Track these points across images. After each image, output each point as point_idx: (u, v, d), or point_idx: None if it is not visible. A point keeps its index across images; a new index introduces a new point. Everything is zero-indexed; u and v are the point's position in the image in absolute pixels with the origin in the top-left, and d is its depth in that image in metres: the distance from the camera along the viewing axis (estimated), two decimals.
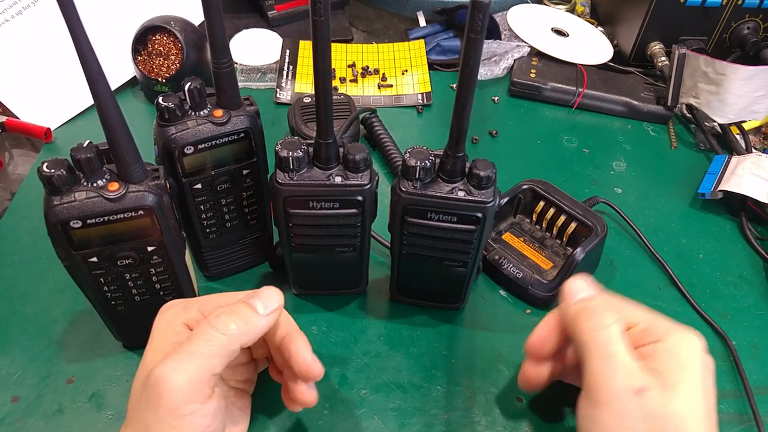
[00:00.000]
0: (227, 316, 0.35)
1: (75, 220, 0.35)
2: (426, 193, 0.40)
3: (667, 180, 0.64)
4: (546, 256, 0.54)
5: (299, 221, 0.42)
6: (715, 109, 0.66)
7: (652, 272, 0.55)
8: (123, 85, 0.71)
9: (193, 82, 0.40)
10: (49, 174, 0.34)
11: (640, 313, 0.37)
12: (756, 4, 0.70)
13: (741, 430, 0.44)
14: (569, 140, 0.69)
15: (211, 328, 0.34)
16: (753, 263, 0.56)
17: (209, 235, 0.47)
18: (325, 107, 0.38)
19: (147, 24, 0.65)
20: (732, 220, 0.60)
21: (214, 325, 0.34)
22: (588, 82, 0.72)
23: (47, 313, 0.48)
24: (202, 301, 0.38)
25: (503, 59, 0.76)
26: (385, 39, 0.82)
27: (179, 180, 0.42)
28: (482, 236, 0.42)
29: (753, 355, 0.49)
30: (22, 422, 0.42)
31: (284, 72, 0.73)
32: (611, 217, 0.59)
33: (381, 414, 0.44)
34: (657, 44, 0.74)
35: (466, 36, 0.33)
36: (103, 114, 0.33)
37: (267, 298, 0.37)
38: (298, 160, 0.40)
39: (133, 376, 0.44)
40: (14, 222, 0.56)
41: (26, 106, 0.66)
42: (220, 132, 0.41)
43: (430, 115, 0.71)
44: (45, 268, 0.51)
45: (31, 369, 0.45)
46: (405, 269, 0.47)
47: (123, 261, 0.39)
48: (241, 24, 0.80)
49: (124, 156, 0.35)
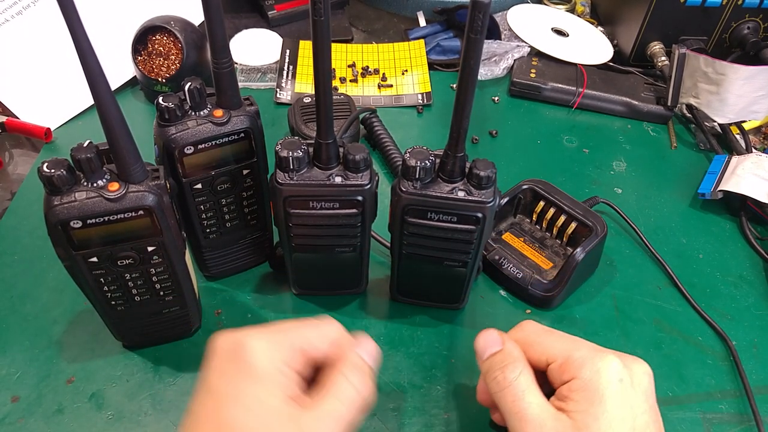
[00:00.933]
0: (358, 375, 0.33)
1: (75, 220, 0.35)
2: (426, 193, 0.40)
3: (667, 180, 0.64)
4: (546, 256, 0.54)
5: (299, 221, 0.42)
6: (715, 109, 0.66)
7: (652, 272, 0.55)
8: (123, 85, 0.71)
9: (193, 82, 0.40)
10: (50, 174, 0.34)
11: (557, 345, 0.37)
12: (756, 4, 0.70)
13: (741, 430, 0.44)
14: (569, 140, 0.69)
15: (351, 387, 0.33)
16: (753, 263, 0.56)
17: (209, 235, 0.47)
18: (325, 107, 0.38)
19: (147, 24, 0.65)
20: (732, 220, 0.60)
21: (352, 382, 0.33)
22: (588, 82, 0.72)
23: (47, 313, 0.48)
24: (290, 337, 0.34)
25: (503, 59, 0.76)
26: (385, 39, 0.82)
27: (179, 180, 0.42)
28: (482, 236, 0.42)
29: (753, 355, 0.49)
30: (22, 422, 0.42)
31: (284, 72, 0.73)
32: (611, 217, 0.59)
33: (381, 414, 0.44)
34: (657, 44, 0.74)
35: (466, 36, 0.33)
36: (103, 114, 0.33)
37: (370, 352, 0.35)
38: (298, 160, 0.40)
39: (132, 376, 0.45)
40: (14, 222, 0.56)
41: (26, 106, 0.66)
42: (220, 132, 0.41)
43: (430, 115, 0.71)
44: (45, 268, 0.51)
45: (31, 369, 0.45)
46: (405, 269, 0.47)
47: (123, 261, 0.39)
48: (241, 24, 0.80)
49: (124, 156, 0.35)
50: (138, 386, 0.44)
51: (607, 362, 0.35)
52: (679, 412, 0.45)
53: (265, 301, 0.51)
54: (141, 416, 0.43)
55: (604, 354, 0.36)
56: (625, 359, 0.36)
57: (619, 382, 0.34)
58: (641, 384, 0.35)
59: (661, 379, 0.47)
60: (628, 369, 0.35)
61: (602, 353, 0.36)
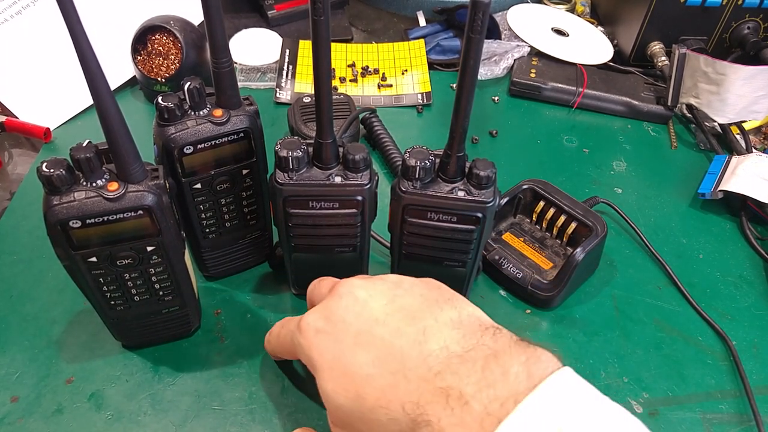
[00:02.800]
0: None
1: (74, 219, 0.35)
2: (426, 193, 0.40)
3: (667, 180, 0.64)
4: (546, 256, 0.54)
5: (299, 221, 0.42)
6: (715, 109, 0.66)
7: (652, 272, 0.55)
8: (123, 85, 0.71)
9: (192, 82, 0.40)
10: (49, 174, 0.34)
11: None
12: (756, 4, 0.70)
13: (741, 431, 0.44)
14: (569, 140, 0.69)
15: None
16: (753, 263, 0.56)
17: (209, 235, 0.47)
18: (325, 107, 0.38)
19: (146, 24, 0.65)
20: (732, 220, 0.60)
21: None
22: (588, 81, 0.72)
23: (46, 313, 0.48)
24: None
25: (503, 59, 0.76)
26: (385, 39, 0.82)
27: (179, 180, 0.42)
28: (482, 236, 0.42)
29: (753, 355, 0.49)
30: (22, 422, 0.42)
31: (284, 72, 0.73)
32: (611, 217, 0.59)
33: None
34: (657, 44, 0.74)
35: (466, 36, 0.33)
36: (103, 114, 0.33)
37: None
38: (297, 160, 0.40)
39: (131, 376, 0.45)
40: (14, 222, 0.56)
41: (26, 105, 0.66)
42: (219, 132, 0.41)
43: (430, 115, 0.71)
44: (44, 268, 0.51)
45: (30, 369, 0.45)
46: (405, 269, 0.47)
47: (122, 261, 0.38)
48: (241, 24, 0.80)
49: (124, 156, 0.35)
50: (137, 386, 0.44)
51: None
52: (679, 412, 0.45)
53: (265, 301, 0.50)
54: (140, 416, 0.43)
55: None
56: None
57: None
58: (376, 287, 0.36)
59: (661, 379, 0.47)
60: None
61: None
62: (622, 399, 0.45)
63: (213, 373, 0.45)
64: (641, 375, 0.47)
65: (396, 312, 0.34)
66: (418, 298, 0.35)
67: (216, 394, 0.44)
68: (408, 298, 0.35)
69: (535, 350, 0.30)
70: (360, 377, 0.32)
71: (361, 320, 0.34)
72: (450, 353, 0.31)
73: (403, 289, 0.36)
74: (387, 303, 0.35)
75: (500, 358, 0.30)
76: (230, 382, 0.45)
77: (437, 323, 0.33)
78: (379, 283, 0.37)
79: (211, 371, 0.45)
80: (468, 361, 0.30)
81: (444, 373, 0.30)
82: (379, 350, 0.33)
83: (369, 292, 0.36)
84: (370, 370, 0.32)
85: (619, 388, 0.46)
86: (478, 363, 0.30)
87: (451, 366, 0.30)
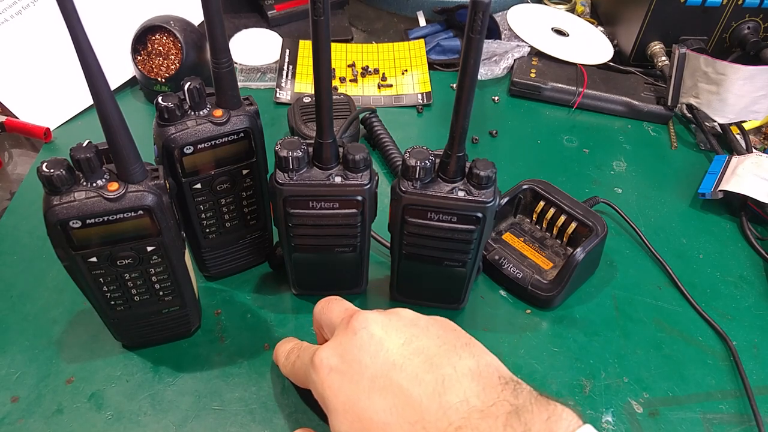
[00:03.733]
0: None
1: (74, 220, 0.35)
2: (426, 193, 0.40)
3: (667, 180, 0.64)
4: (546, 256, 0.54)
5: (299, 221, 0.42)
6: (715, 109, 0.66)
7: (652, 272, 0.55)
8: (123, 85, 0.71)
9: (192, 82, 0.40)
10: (49, 174, 0.34)
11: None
12: (756, 4, 0.70)
13: (741, 431, 0.44)
14: (569, 140, 0.69)
15: None
16: (753, 263, 0.56)
17: (209, 235, 0.47)
18: (325, 107, 0.38)
19: (146, 24, 0.65)
20: (732, 220, 0.60)
21: None
22: (588, 81, 0.72)
23: (47, 313, 0.48)
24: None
25: (503, 59, 0.76)
26: (385, 39, 0.82)
27: (179, 180, 0.42)
28: (482, 236, 0.42)
29: (753, 355, 0.49)
30: (22, 422, 0.42)
31: (284, 72, 0.73)
32: (611, 217, 0.59)
33: None
34: (657, 44, 0.74)
35: (466, 36, 0.33)
36: (103, 114, 0.33)
37: None
38: (297, 160, 0.40)
39: (132, 376, 0.45)
40: (14, 222, 0.56)
41: (26, 105, 0.66)
42: (219, 132, 0.41)
43: (430, 115, 0.71)
44: (44, 268, 0.51)
45: (30, 369, 0.45)
46: (405, 269, 0.47)
47: (122, 261, 0.38)
48: (241, 24, 0.80)
49: (124, 156, 0.35)
50: (137, 386, 0.44)
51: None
52: (679, 412, 0.45)
53: (265, 301, 0.50)
54: (140, 416, 0.43)
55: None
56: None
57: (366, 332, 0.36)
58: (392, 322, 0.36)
59: (661, 379, 0.47)
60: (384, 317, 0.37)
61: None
62: (622, 399, 0.45)
63: (213, 373, 0.45)
64: (641, 375, 0.47)
65: (413, 355, 0.34)
66: (435, 340, 0.35)
67: (216, 394, 0.44)
68: (425, 339, 0.35)
69: (556, 407, 0.30)
70: (376, 424, 0.32)
71: (377, 362, 0.34)
72: (470, 407, 0.30)
73: (419, 328, 0.35)
74: (404, 343, 0.34)
75: (522, 415, 0.29)
76: (230, 382, 0.45)
77: (456, 373, 0.32)
78: (395, 319, 0.36)
79: (211, 371, 0.45)
80: (489, 417, 0.30)
81: (464, 429, 0.30)
82: (397, 398, 0.32)
83: (385, 329, 0.35)
84: (388, 419, 0.32)
85: (619, 388, 0.46)
86: (499, 420, 0.29)
87: (472, 421, 0.30)
